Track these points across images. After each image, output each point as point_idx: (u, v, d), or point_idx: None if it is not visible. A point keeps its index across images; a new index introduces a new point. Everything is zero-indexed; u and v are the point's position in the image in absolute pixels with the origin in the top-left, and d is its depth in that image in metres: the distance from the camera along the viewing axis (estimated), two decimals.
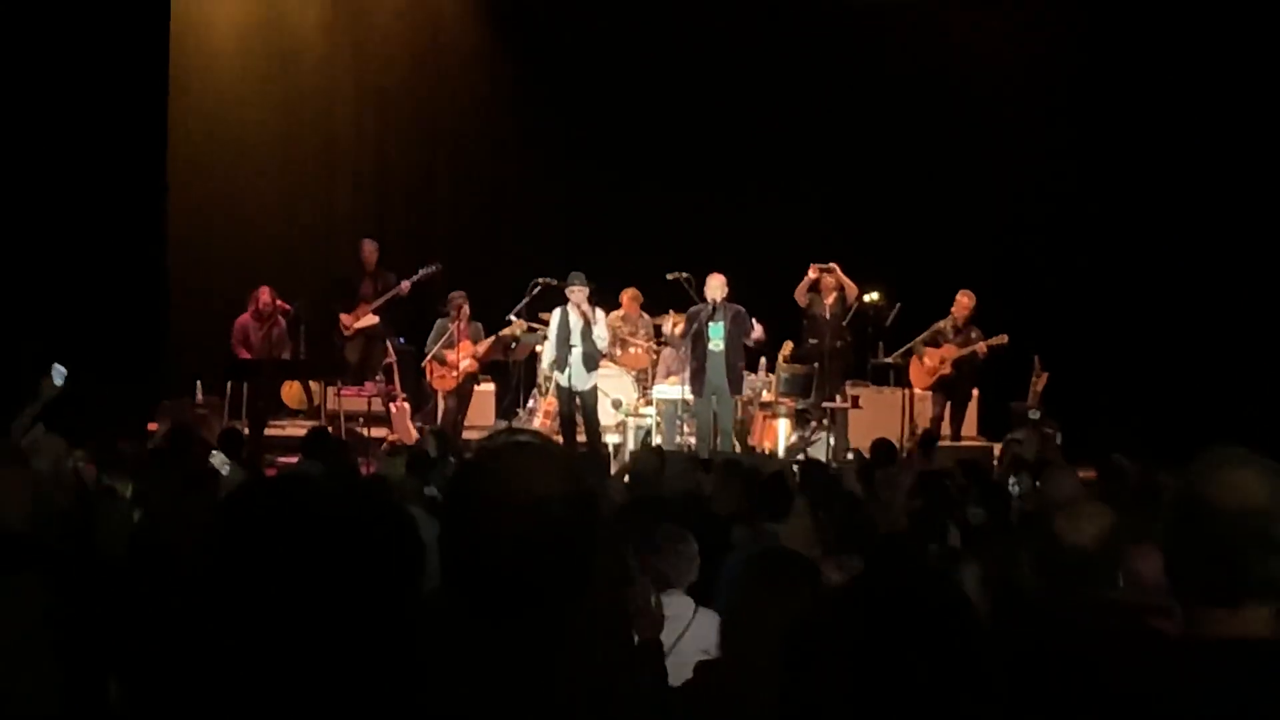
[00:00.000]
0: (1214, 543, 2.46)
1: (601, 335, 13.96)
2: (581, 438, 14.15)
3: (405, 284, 15.17)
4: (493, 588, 2.16)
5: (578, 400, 14.01)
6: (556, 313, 14.10)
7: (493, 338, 14.87)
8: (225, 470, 8.23)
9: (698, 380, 13.93)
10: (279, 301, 14.61)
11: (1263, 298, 14.46)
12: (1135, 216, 15.40)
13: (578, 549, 2.27)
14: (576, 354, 13.85)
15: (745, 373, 14.34)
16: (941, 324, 15.19)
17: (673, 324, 14.75)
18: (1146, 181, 15.29)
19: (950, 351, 15.04)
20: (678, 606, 5.26)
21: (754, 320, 14.02)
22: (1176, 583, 2.58)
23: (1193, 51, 14.87)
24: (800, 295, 15.21)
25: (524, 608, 2.19)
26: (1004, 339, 14.93)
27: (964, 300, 15.22)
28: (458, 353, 14.74)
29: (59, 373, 8.96)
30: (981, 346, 14.95)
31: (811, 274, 15.14)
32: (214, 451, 8.74)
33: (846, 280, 15.14)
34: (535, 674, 2.17)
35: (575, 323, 13.84)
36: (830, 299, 15.06)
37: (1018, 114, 16.64)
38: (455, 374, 14.80)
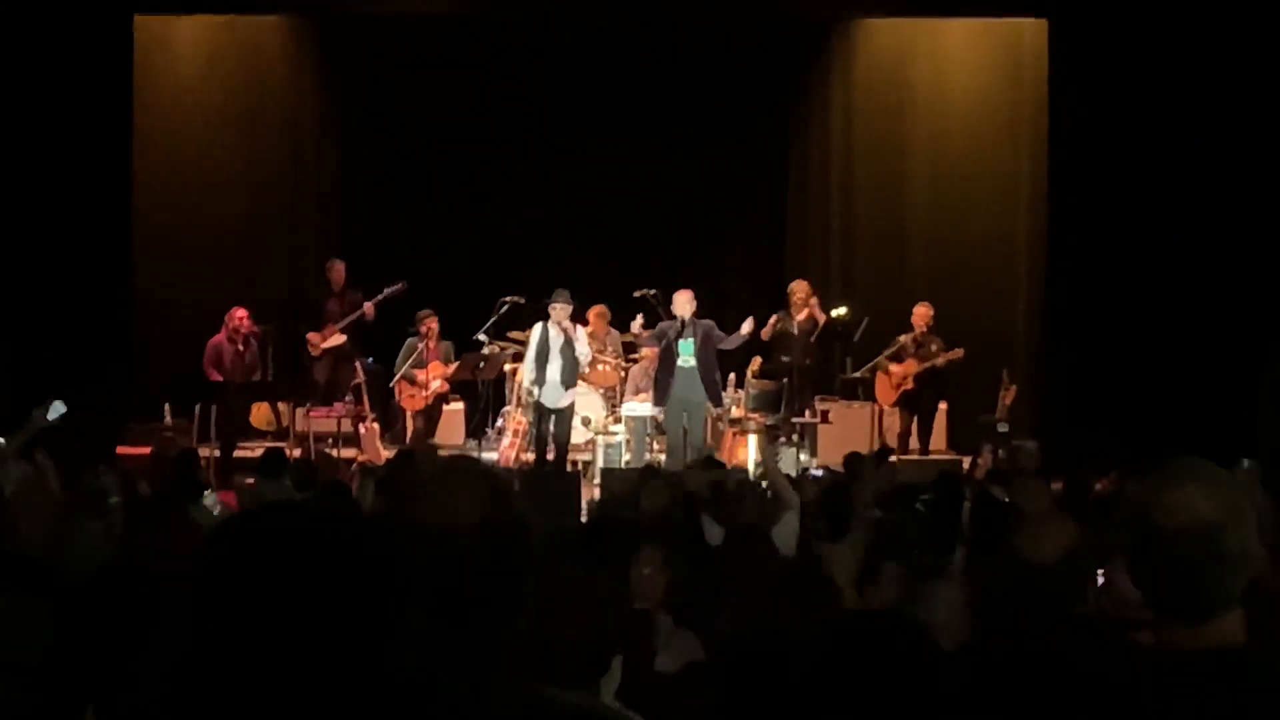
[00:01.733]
0: (1170, 563, 2.47)
1: (584, 353, 13.96)
2: (551, 456, 14.14)
3: (369, 306, 15.10)
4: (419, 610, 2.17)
5: (552, 418, 13.98)
6: (536, 329, 14.06)
7: (462, 357, 14.83)
8: (216, 510, 8.23)
9: (662, 392, 13.93)
10: (249, 323, 14.53)
11: (1235, 306, 14.52)
12: (1104, 224, 15.45)
13: (499, 575, 2.29)
14: (554, 371, 13.83)
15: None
16: (903, 338, 15.24)
17: (637, 331, 14.65)
18: (1115, 191, 15.34)
19: (911, 366, 15.09)
20: (659, 624, 5.25)
21: (748, 320, 14.03)
22: (1147, 598, 2.60)
23: (1160, 71, 14.95)
24: (766, 334, 15.18)
25: (449, 630, 2.20)
26: (959, 353, 14.98)
27: (922, 311, 15.28)
28: (428, 373, 14.71)
29: (57, 408, 8.93)
30: (941, 360, 15.00)
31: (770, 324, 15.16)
32: (206, 493, 8.73)
33: (814, 303, 15.18)
34: (464, 694, 2.18)
35: (555, 340, 13.83)
36: (802, 315, 15.08)
37: (983, 124, 16.75)
38: (425, 394, 14.77)
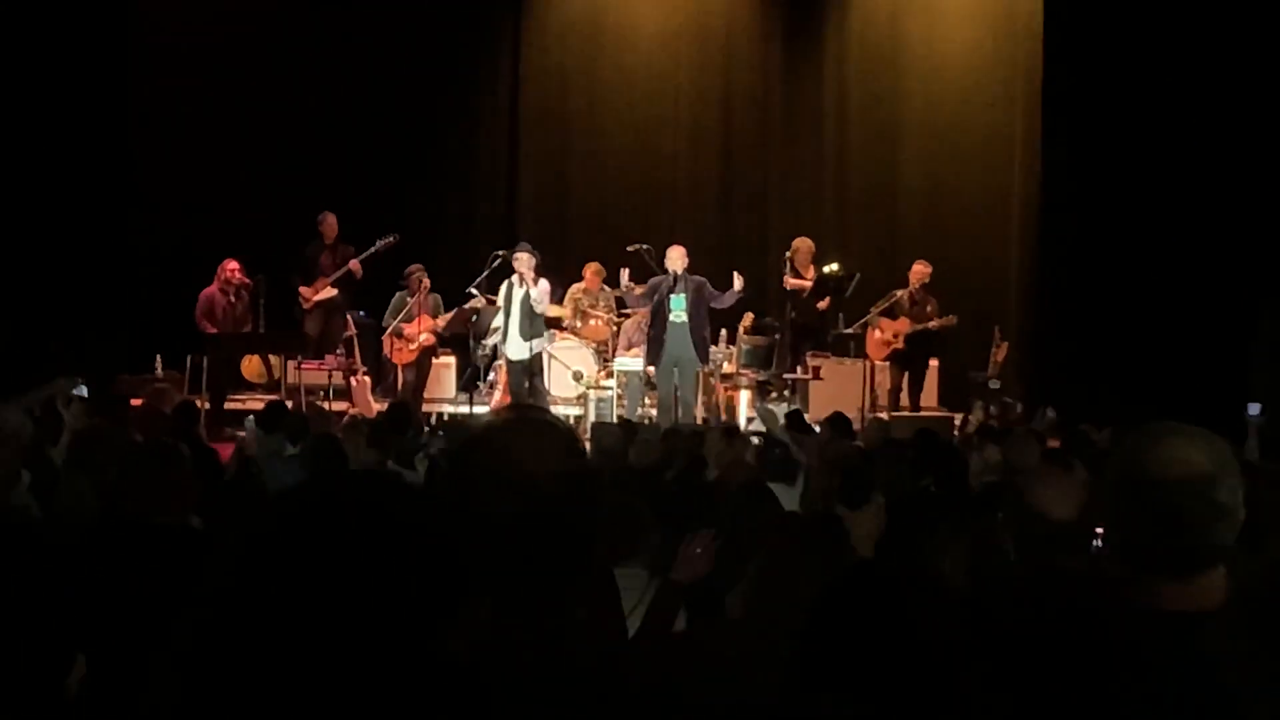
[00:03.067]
0: (1162, 515, 2.48)
1: (539, 303, 13.87)
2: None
3: (355, 263, 15.04)
4: (490, 565, 2.14)
5: (527, 373, 13.99)
6: (504, 285, 14.08)
7: (454, 310, 14.82)
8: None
9: (655, 350, 13.93)
10: (241, 275, 14.49)
11: (1227, 263, 14.54)
12: (1097, 183, 15.46)
13: (575, 527, 2.26)
14: (514, 324, 13.83)
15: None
16: (899, 294, 15.23)
17: (628, 281, 14.67)
18: (1108, 150, 15.35)
19: (904, 325, 15.07)
20: (633, 579, 5.26)
21: (735, 274, 14.02)
22: (1126, 555, 2.59)
23: (1154, 30, 14.93)
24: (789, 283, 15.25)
25: (523, 585, 2.18)
26: (953, 320, 14.97)
27: (920, 269, 15.27)
28: (415, 326, 14.70)
29: (81, 388, 8.97)
30: (934, 324, 14.99)
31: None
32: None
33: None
34: (538, 651, 2.17)
35: (518, 293, 13.82)
36: (809, 273, 15.12)
37: (978, 81, 16.73)
38: (412, 347, 14.76)
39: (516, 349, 13.88)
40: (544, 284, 13.98)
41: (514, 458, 2.23)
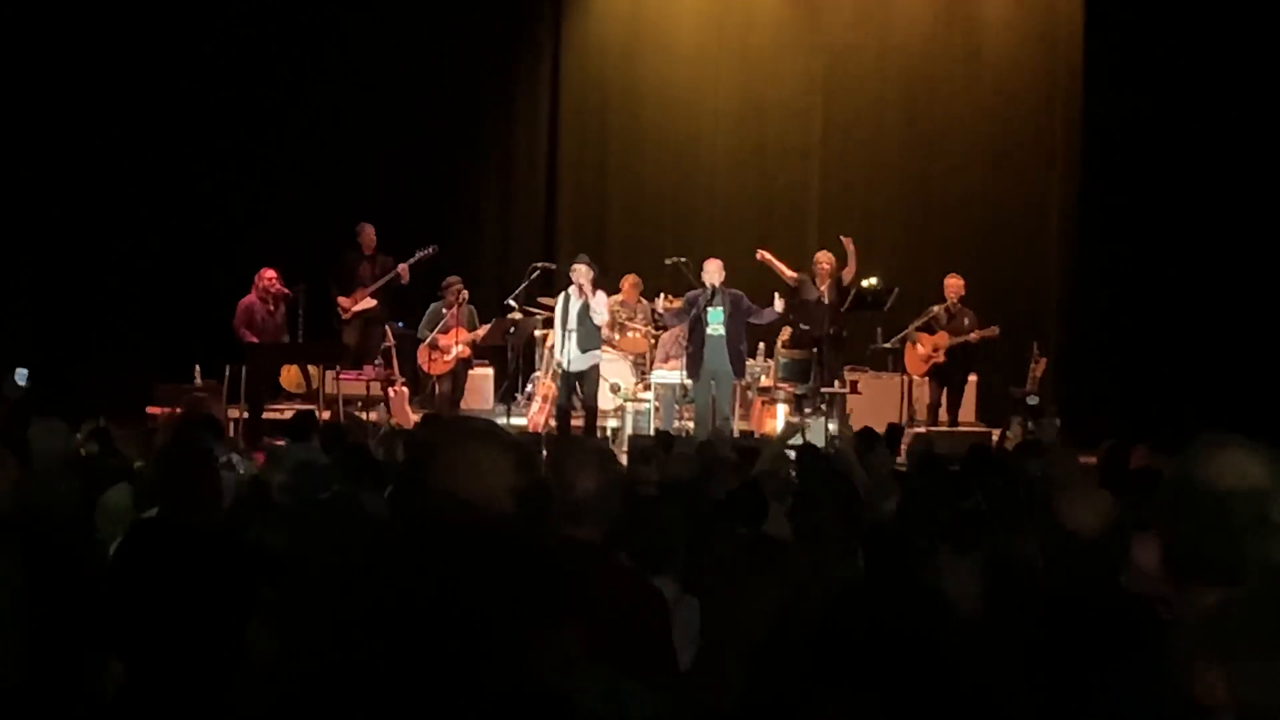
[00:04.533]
0: (1214, 524, 2.47)
1: (600, 314, 13.90)
2: (579, 421, 14.16)
3: (403, 267, 15.12)
4: (445, 586, 2.09)
5: (576, 384, 13.98)
6: (561, 296, 14.10)
7: (492, 322, 14.85)
8: (241, 469, 8.21)
9: (694, 364, 13.93)
10: (279, 284, 14.55)
11: (1264, 282, 14.45)
12: (1137, 198, 15.41)
13: (531, 542, 2.20)
14: (572, 336, 13.83)
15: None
16: (936, 309, 15.18)
17: (666, 301, 14.72)
18: (1145, 164, 15.30)
19: (943, 339, 15.02)
20: (664, 590, 5.24)
21: (776, 296, 14.00)
22: (1174, 564, 2.58)
23: (1196, 42, 14.88)
24: (786, 278, 15.14)
25: (478, 603, 2.13)
26: (995, 331, 14.93)
27: (953, 283, 15.23)
28: (454, 338, 14.73)
29: (21, 374, 9.03)
30: (974, 336, 14.93)
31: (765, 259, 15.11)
32: (231, 454, 8.72)
33: (849, 259, 15.05)
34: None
35: (575, 305, 13.83)
36: (825, 285, 14.99)
37: (1019, 98, 16.66)
38: (447, 359, 14.79)
39: (574, 360, 13.88)
40: (602, 295, 14.02)
41: (464, 476, 2.16)
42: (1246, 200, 14.69)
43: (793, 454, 9.86)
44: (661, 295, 14.73)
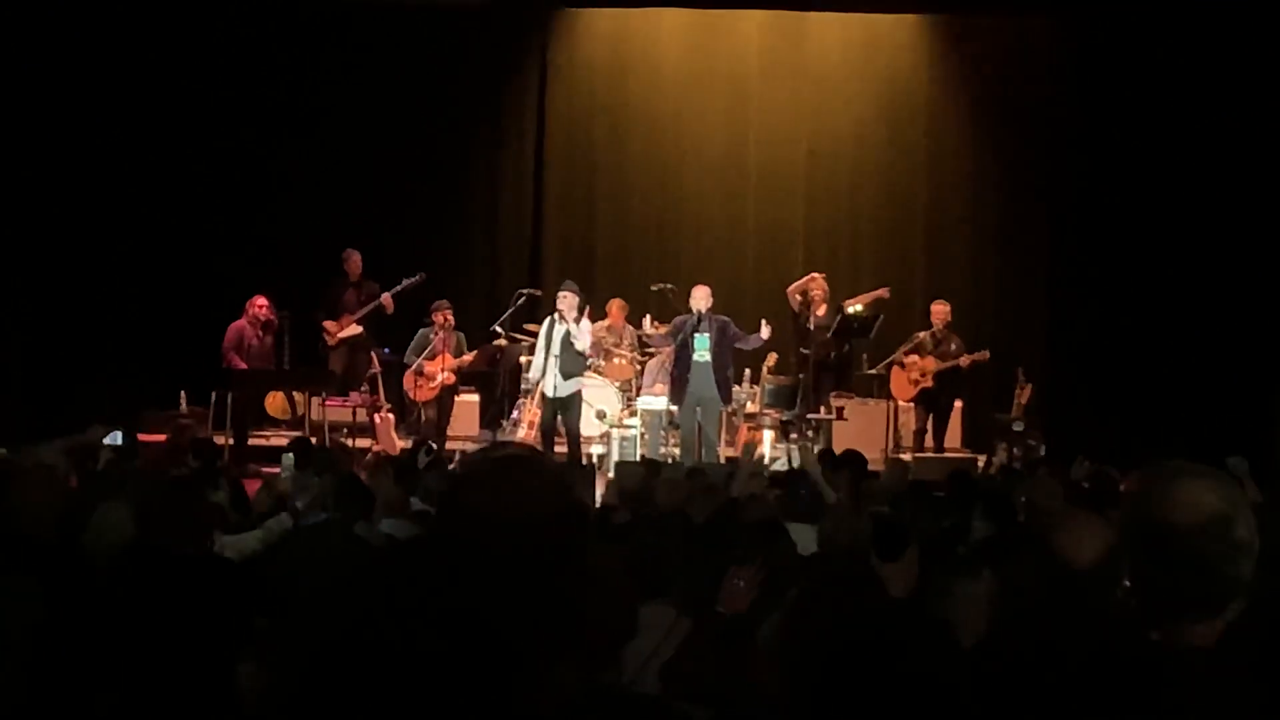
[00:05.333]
0: (1184, 560, 2.48)
1: (580, 340, 13.90)
2: (563, 448, 14.15)
3: (387, 297, 15.14)
4: (485, 604, 2.10)
5: (558, 410, 13.98)
6: (546, 321, 14.11)
7: (479, 348, 14.86)
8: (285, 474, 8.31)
9: (679, 390, 13.95)
10: (269, 311, 14.55)
11: (1243, 305, 14.54)
12: (1117, 225, 15.52)
13: (570, 563, 2.22)
14: (556, 362, 13.83)
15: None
16: (922, 335, 15.23)
17: (652, 325, 14.75)
18: (1128, 189, 15.42)
19: (931, 364, 15.06)
20: (660, 615, 5.26)
21: (763, 322, 14.05)
22: (1152, 606, 2.59)
23: (1179, 66, 15.02)
24: (793, 295, 15.20)
25: (515, 625, 2.14)
26: (985, 355, 14.97)
27: (939, 309, 15.28)
28: (441, 364, 14.73)
29: (114, 437, 9.13)
30: (964, 360, 14.97)
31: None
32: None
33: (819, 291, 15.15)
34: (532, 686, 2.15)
35: (559, 331, 13.84)
36: (822, 310, 15.05)
37: (1006, 122, 16.73)
38: (432, 385, 14.79)
39: (556, 386, 13.87)
40: (586, 323, 14.03)
41: (507, 497, 2.18)
42: (1230, 225, 14.79)
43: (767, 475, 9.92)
44: (649, 317, 14.75)
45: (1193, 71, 14.97)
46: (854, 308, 15.27)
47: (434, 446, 11.72)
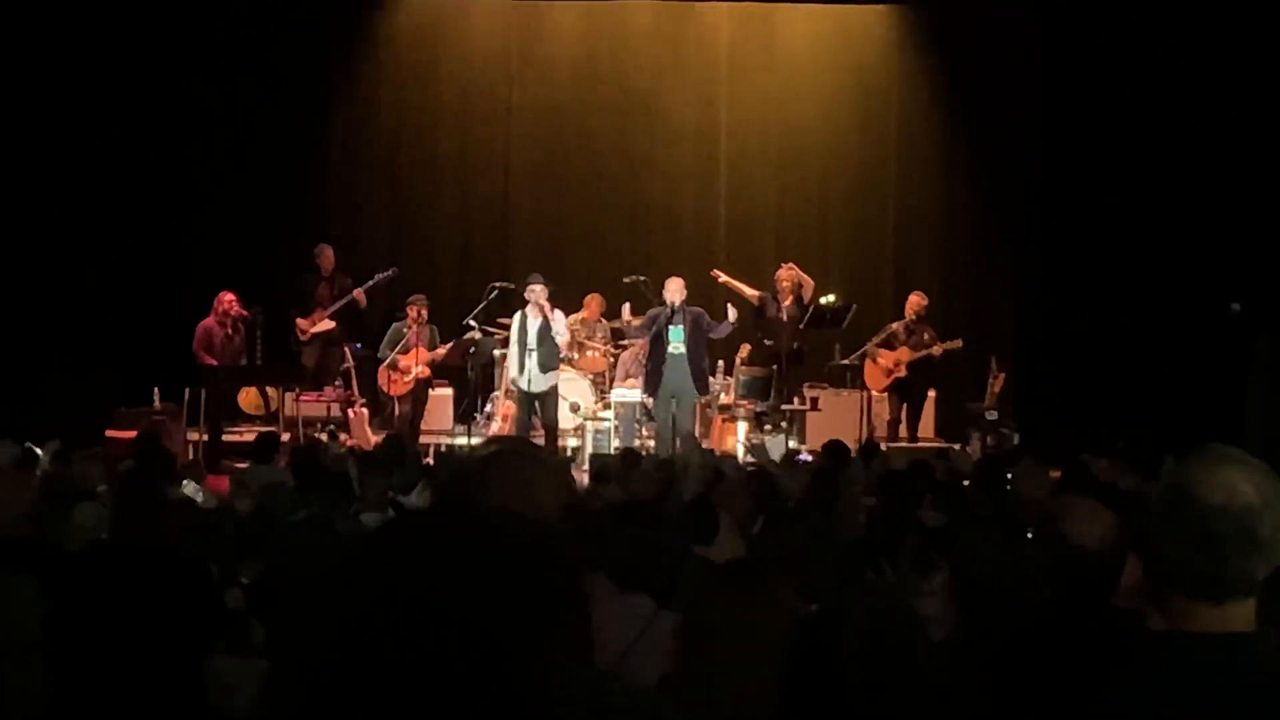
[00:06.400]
0: (1200, 537, 2.49)
1: (560, 333, 13.91)
2: (540, 441, 14.15)
3: (359, 293, 15.11)
4: (484, 598, 2.09)
5: (535, 404, 13.98)
6: (517, 316, 14.08)
7: (452, 342, 14.82)
8: (199, 498, 8.17)
9: (653, 382, 13.97)
10: (238, 307, 14.49)
11: (1225, 294, 14.60)
12: (1091, 213, 15.58)
13: (574, 558, 2.21)
14: (533, 356, 13.81)
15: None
16: (894, 325, 15.26)
17: (630, 316, 14.77)
18: (1100, 177, 15.49)
19: (905, 354, 15.09)
20: (638, 607, 5.26)
21: (729, 306, 14.05)
22: (1158, 576, 2.60)
23: (1153, 64, 15.10)
24: (748, 297, 15.20)
25: (525, 620, 2.13)
26: (959, 343, 15.01)
27: (915, 300, 15.31)
28: (414, 358, 14.69)
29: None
30: (937, 349, 15.01)
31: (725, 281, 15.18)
32: (185, 481, 8.67)
33: (804, 276, 15.18)
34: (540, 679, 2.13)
35: (533, 324, 13.82)
36: (788, 301, 15.07)
37: (977, 111, 16.77)
38: (406, 379, 14.76)
39: (535, 381, 13.85)
40: (560, 314, 14.03)
41: (515, 490, 2.18)
42: (1204, 217, 14.85)
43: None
44: (627, 307, 14.75)
45: (1163, 62, 15.03)
46: (827, 298, 15.31)
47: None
